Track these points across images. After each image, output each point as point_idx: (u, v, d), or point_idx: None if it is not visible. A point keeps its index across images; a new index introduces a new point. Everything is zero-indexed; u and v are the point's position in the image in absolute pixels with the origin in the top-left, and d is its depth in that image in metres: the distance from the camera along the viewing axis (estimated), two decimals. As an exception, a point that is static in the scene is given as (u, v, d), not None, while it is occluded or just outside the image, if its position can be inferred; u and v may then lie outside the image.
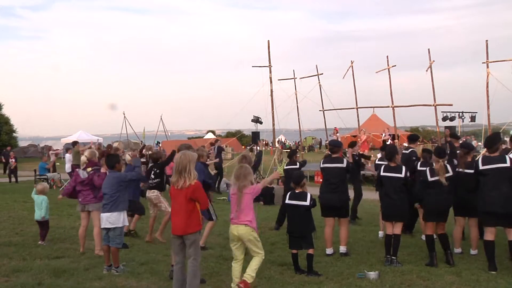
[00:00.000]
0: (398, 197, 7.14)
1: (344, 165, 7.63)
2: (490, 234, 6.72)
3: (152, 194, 8.86)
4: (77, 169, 8.17)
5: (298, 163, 10.16)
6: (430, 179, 7.07)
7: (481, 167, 6.77)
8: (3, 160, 26.52)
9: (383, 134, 30.63)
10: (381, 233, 9.18)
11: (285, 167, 10.41)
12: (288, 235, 6.79)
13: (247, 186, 5.76)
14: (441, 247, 7.11)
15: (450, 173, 7.01)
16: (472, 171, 7.03)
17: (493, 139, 7.02)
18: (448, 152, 7.99)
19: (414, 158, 8.54)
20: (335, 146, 7.97)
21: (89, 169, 7.89)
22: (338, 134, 31.50)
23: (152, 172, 8.94)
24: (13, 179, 22.02)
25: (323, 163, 7.90)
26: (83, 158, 8.13)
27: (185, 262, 5.56)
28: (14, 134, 39.76)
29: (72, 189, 7.97)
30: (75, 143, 18.21)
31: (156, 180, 8.89)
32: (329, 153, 8.05)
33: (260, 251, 5.81)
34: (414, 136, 10.31)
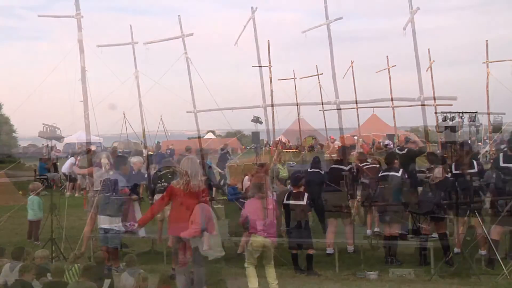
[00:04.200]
0: (395, 198, 7.24)
1: (347, 168, 7.95)
2: (497, 234, 6.81)
3: None
4: None
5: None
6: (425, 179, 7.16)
7: (502, 164, 6.94)
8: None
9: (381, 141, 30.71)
10: (369, 232, 9.26)
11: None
12: (287, 235, 6.80)
13: (267, 197, 5.94)
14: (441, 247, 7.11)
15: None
16: (472, 170, 7.32)
17: None
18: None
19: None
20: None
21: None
22: (336, 142, 31.36)
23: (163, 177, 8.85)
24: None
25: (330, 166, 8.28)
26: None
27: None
28: (14, 134, 39.57)
29: None
30: (89, 150, 17.77)
31: (166, 184, 8.72)
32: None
33: (272, 259, 6.00)
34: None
